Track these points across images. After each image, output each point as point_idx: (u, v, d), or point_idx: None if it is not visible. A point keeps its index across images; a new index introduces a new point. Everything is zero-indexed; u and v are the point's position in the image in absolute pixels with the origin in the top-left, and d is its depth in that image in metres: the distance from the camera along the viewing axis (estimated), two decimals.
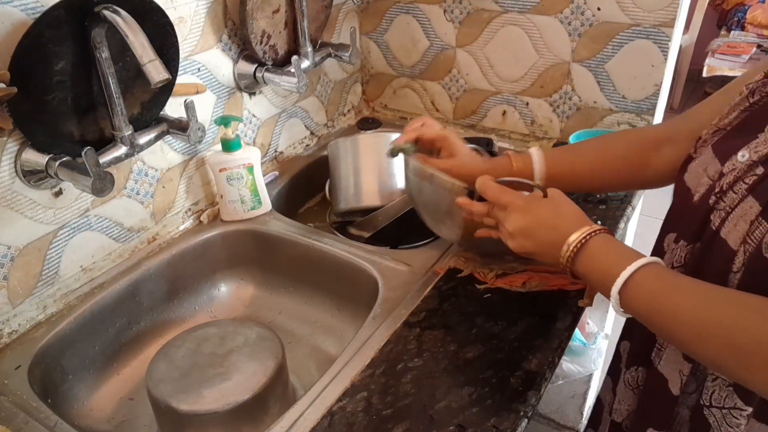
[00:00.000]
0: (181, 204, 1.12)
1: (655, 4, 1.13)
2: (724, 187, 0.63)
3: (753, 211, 0.58)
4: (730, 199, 0.62)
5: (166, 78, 0.77)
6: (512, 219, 0.73)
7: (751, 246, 0.57)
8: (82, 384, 0.93)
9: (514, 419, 0.70)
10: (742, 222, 0.59)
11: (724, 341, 0.55)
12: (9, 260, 0.86)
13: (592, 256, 0.67)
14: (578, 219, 0.70)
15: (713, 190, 0.64)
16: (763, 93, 0.64)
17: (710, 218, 0.64)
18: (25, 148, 0.83)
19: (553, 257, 0.70)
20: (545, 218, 0.71)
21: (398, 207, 1.10)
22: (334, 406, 0.73)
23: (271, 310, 1.12)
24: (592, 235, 0.67)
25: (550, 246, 0.70)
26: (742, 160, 0.62)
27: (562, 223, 0.70)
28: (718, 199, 0.63)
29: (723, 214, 0.62)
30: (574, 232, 0.68)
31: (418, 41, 1.43)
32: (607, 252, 0.66)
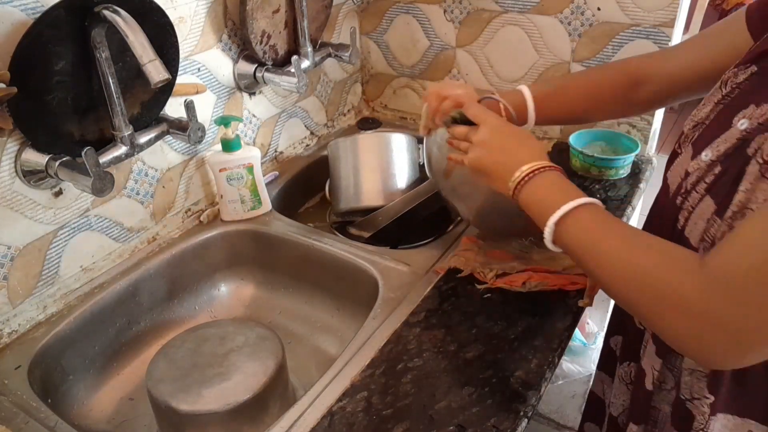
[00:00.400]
0: (181, 204, 1.12)
1: (655, 4, 1.13)
2: (688, 186, 0.64)
3: (709, 210, 0.59)
4: (692, 198, 0.63)
5: (166, 78, 0.77)
6: (481, 133, 0.74)
7: (707, 243, 0.59)
8: (82, 384, 0.93)
9: (514, 419, 0.70)
10: (700, 221, 0.60)
11: (638, 285, 0.56)
12: (9, 260, 0.86)
13: (539, 188, 0.68)
14: (539, 154, 0.71)
15: (680, 189, 0.65)
16: (734, 84, 0.64)
17: (678, 218, 0.65)
18: (25, 148, 0.83)
19: (502, 180, 0.71)
20: (509, 141, 0.73)
21: (398, 207, 1.10)
22: (334, 406, 0.73)
23: (271, 310, 1.12)
24: (544, 169, 0.68)
25: (503, 168, 0.71)
26: (704, 159, 0.62)
27: (523, 152, 0.71)
28: (684, 199, 0.64)
29: (686, 214, 0.63)
30: (529, 162, 0.69)
31: (418, 41, 1.43)
32: (554, 187, 0.67)
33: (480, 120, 0.75)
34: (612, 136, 1.24)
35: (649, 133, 1.26)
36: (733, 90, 0.64)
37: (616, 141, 1.23)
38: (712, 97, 0.67)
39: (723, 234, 0.56)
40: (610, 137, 1.24)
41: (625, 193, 1.14)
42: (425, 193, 1.11)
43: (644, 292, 0.56)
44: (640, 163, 1.23)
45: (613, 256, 0.59)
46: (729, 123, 0.61)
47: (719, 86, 0.66)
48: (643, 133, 1.26)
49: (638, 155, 1.21)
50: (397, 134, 1.18)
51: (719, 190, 0.59)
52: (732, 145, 0.59)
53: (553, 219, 0.64)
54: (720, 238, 0.57)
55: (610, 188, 1.16)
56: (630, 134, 1.25)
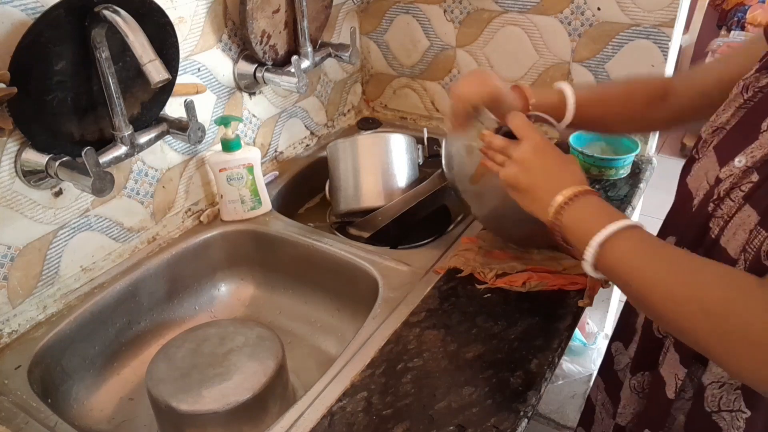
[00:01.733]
0: (181, 204, 1.12)
1: (655, 4, 1.13)
2: (721, 193, 0.62)
3: (751, 220, 0.58)
4: (727, 206, 0.61)
5: (166, 78, 0.77)
6: (522, 149, 0.72)
7: (750, 254, 0.57)
8: (82, 384, 0.93)
9: (514, 419, 0.70)
10: (741, 231, 0.59)
11: (697, 309, 0.54)
12: (9, 260, 0.86)
13: (581, 211, 0.66)
14: (580, 179, 0.70)
15: (711, 196, 0.64)
16: (756, 89, 0.64)
17: (709, 226, 0.63)
18: (25, 148, 0.83)
19: (540, 202, 0.69)
20: (551, 164, 0.71)
21: (398, 207, 1.10)
22: (334, 406, 0.73)
23: (271, 310, 1.12)
24: (585, 194, 0.67)
25: (542, 191, 0.69)
26: (738, 165, 0.61)
27: (564, 176, 0.69)
28: (716, 206, 0.63)
29: (721, 223, 0.62)
30: (571, 186, 0.67)
31: (418, 41, 1.43)
32: (597, 210, 0.66)
33: (523, 135, 0.73)
34: (612, 136, 1.23)
35: (649, 133, 1.26)
36: (756, 94, 0.63)
37: (616, 141, 1.22)
38: (733, 102, 0.66)
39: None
40: (610, 137, 1.24)
41: (626, 193, 1.14)
42: (425, 193, 1.11)
43: (702, 318, 0.53)
44: (640, 163, 1.23)
45: (665, 280, 0.57)
46: (757, 128, 0.60)
47: (740, 91, 0.65)
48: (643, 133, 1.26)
49: (638, 155, 1.21)
50: (396, 135, 1.18)
51: (760, 199, 0.57)
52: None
53: (597, 240, 0.61)
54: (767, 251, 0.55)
55: (610, 188, 1.16)
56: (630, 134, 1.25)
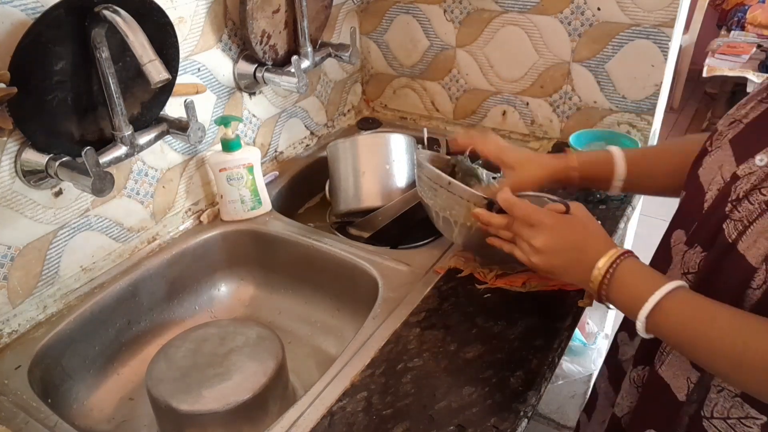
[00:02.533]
0: (181, 204, 1.12)
1: (655, 4, 1.13)
2: (740, 194, 0.61)
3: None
4: (746, 210, 0.60)
5: (166, 78, 0.77)
6: (541, 237, 0.72)
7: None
8: (82, 384, 0.93)
9: (514, 419, 0.70)
10: (763, 239, 0.57)
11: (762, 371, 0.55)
12: (9, 260, 0.86)
13: (622, 282, 0.67)
14: (604, 241, 0.70)
15: (728, 195, 0.62)
16: None
17: (723, 227, 0.62)
18: (25, 148, 0.83)
19: (578, 277, 0.71)
20: (574, 239, 0.72)
21: (398, 207, 1.10)
22: (334, 406, 0.73)
23: (271, 310, 1.12)
24: (620, 260, 0.67)
25: (577, 265, 0.70)
26: (760, 164, 0.60)
27: (590, 246, 0.70)
28: (734, 207, 0.61)
29: (740, 227, 0.60)
30: (602, 257, 0.68)
31: (418, 41, 1.43)
32: (635, 277, 0.66)
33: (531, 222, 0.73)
34: (612, 136, 1.23)
35: (649, 133, 1.26)
36: None
37: (616, 141, 1.22)
38: (755, 96, 0.65)
39: None
40: (610, 137, 1.24)
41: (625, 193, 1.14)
42: None
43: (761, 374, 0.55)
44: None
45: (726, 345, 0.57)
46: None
47: (765, 86, 0.64)
48: (643, 133, 1.26)
49: None
50: (396, 135, 1.18)
51: None
52: None
53: (643, 314, 0.62)
54: None
55: None
56: (630, 134, 1.25)
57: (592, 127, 1.30)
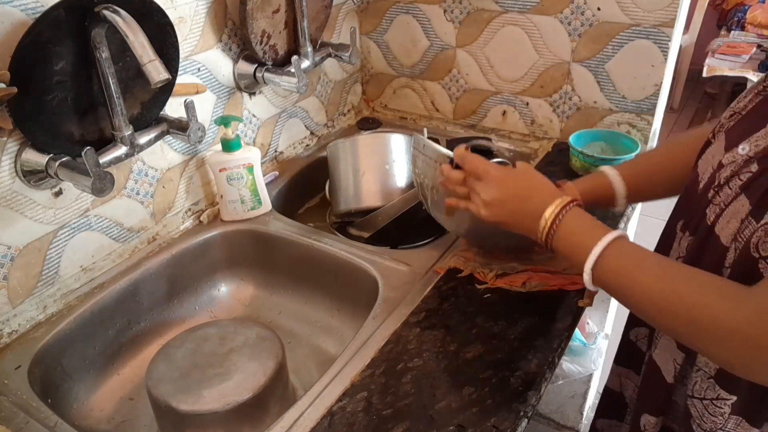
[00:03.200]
0: (181, 204, 1.12)
1: (655, 4, 1.13)
2: (721, 180, 0.63)
3: (744, 210, 0.59)
4: (725, 194, 0.62)
5: (166, 78, 0.77)
6: (488, 189, 0.75)
7: (740, 244, 0.58)
8: (82, 384, 0.93)
9: (514, 419, 0.70)
10: (734, 220, 0.60)
11: (685, 318, 0.58)
12: (9, 260, 0.86)
13: (568, 234, 0.69)
14: (550, 191, 0.73)
15: (713, 182, 0.65)
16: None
17: (706, 212, 0.64)
18: (25, 148, 0.83)
19: (526, 227, 0.73)
20: (519, 189, 0.74)
21: (398, 207, 1.10)
22: (334, 406, 0.73)
23: (271, 310, 1.12)
24: (566, 210, 0.69)
25: (524, 217, 0.73)
26: (741, 153, 0.62)
27: (536, 195, 0.72)
28: (716, 193, 0.64)
29: (718, 210, 0.63)
30: (549, 206, 0.70)
31: (418, 41, 1.43)
32: (580, 227, 0.69)
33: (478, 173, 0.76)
34: (612, 136, 1.24)
35: (649, 133, 1.26)
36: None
37: (616, 141, 1.23)
38: (754, 88, 0.66)
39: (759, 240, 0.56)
40: (610, 137, 1.24)
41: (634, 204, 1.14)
42: None
43: (693, 325, 0.57)
44: None
45: (654, 291, 0.60)
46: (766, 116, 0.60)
47: (764, 78, 0.66)
48: (643, 133, 1.26)
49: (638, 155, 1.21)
50: (396, 135, 1.18)
51: (755, 189, 0.58)
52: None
53: (589, 264, 0.65)
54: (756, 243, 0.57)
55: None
56: (630, 134, 1.25)
57: (592, 127, 1.30)
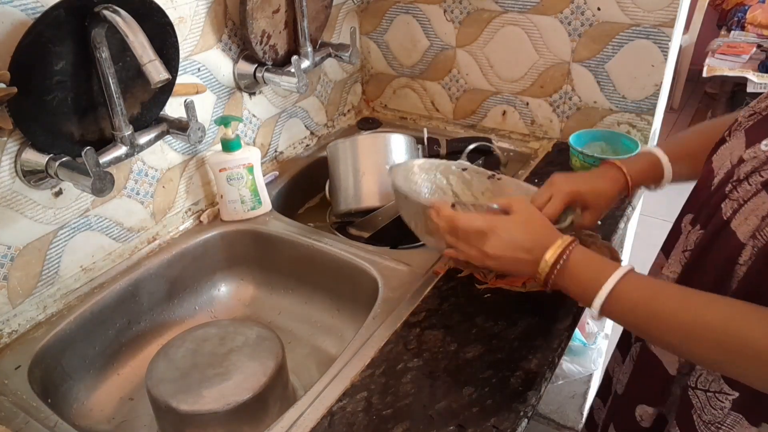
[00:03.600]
0: (181, 204, 1.12)
1: (655, 4, 1.13)
2: (741, 176, 0.63)
3: (765, 207, 0.58)
4: (744, 190, 0.61)
5: (166, 78, 0.77)
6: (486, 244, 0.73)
7: (760, 242, 0.58)
8: (82, 384, 0.93)
9: (514, 419, 0.70)
10: (753, 216, 0.59)
11: (713, 343, 0.57)
12: (9, 260, 0.86)
13: (573, 273, 0.68)
14: (548, 234, 0.71)
15: (731, 177, 0.64)
16: None
17: (722, 206, 0.64)
18: (25, 148, 0.84)
19: (527, 272, 0.72)
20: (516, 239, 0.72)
21: None
22: (334, 406, 0.73)
23: (271, 310, 1.12)
24: (567, 251, 0.68)
25: (525, 264, 0.71)
26: (764, 149, 0.61)
27: (535, 242, 0.71)
28: (734, 188, 0.63)
29: (735, 205, 0.62)
30: (548, 249, 0.69)
31: (418, 41, 1.43)
32: (585, 266, 0.68)
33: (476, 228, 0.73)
34: (612, 136, 1.24)
35: (649, 133, 1.26)
36: None
37: (616, 141, 1.22)
38: None
39: None
40: (610, 137, 1.24)
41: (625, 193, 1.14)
42: None
43: (721, 349, 0.57)
44: None
45: (677, 321, 0.60)
46: None
47: None
48: (643, 133, 1.26)
49: None
50: (396, 135, 1.18)
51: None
52: None
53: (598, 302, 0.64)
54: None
55: None
56: (630, 134, 1.25)
57: (592, 127, 1.30)
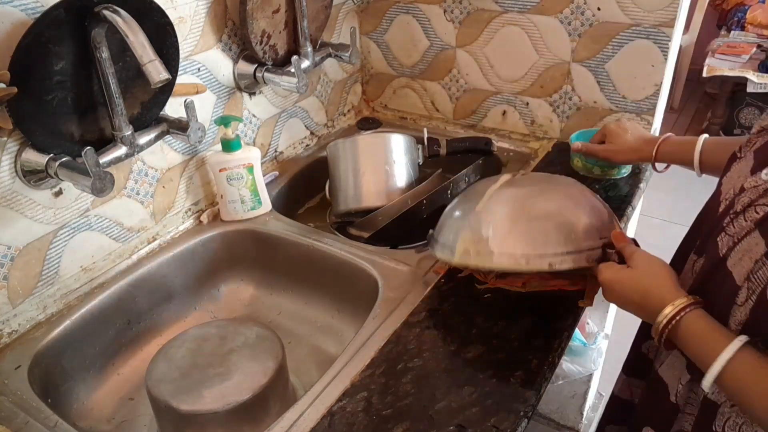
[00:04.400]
0: (181, 204, 1.12)
1: (655, 4, 1.13)
2: (738, 208, 0.61)
3: (758, 250, 0.56)
4: (739, 226, 0.60)
5: (166, 78, 0.77)
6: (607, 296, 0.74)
7: (755, 284, 0.56)
8: (82, 384, 0.93)
9: (514, 419, 0.70)
10: (747, 258, 0.57)
11: None
12: (9, 260, 0.86)
13: (682, 341, 0.65)
14: (662, 293, 0.68)
15: (731, 207, 0.62)
16: None
17: (718, 240, 0.62)
18: (25, 148, 0.83)
19: (645, 318, 0.71)
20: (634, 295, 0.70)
21: (398, 207, 1.10)
22: (334, 406, 0.73)
23: (271, 310, 1.12)
24: (678, 317, 0.65)
25: (644, 314, 0.70)
26: (764, 178, 0.59)
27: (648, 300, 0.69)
28: (731, 221, 0.61)
29: (730, 243, 0.60)
30: (662, 310, 0.66)
31: (418, 41, 1.43)
32: (698, 336, 0.64)
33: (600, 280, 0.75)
34: None
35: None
36: None
37: None
38: None
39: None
40: None
41: (626, 193, 1.14)
42: (425, 193, 1.11)
43: None
44: (640, 164, 1.23)
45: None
46: None
47: None
48: None
49: None
50: (396, 135, 1.18)
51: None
52: None
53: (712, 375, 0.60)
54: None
55: (610, 188, 1.16)
56: None
57: (592, 127, 1.30)
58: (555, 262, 0.76)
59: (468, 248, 0.79)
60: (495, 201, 0.81)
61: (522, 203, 0.80)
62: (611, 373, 1.76)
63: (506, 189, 0.83)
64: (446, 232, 0.87)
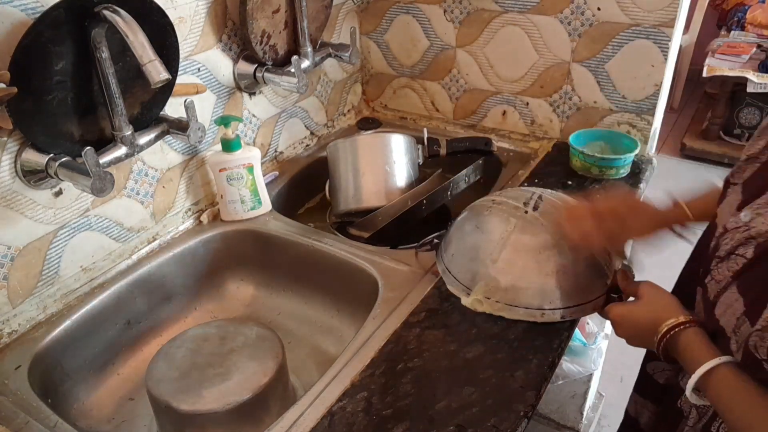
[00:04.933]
0: (181, 204, 1.12)
1: (655, 4, 1.13)
2: (722, 254, 0.63)
3: (738, 307, 0.58)
4: (722, 274, 0.62)
5: (166, 78, 0.77)
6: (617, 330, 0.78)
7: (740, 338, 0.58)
8: (82, 384, 0.93)
9: (514, 419, 0.70)
10: (729, 313, 0.60)
11: None
12: (9, 260, 0.86)
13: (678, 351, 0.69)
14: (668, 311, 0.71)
15: (717, 249, 0.64)
16: None
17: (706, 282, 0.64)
18: (25, 148, 0.83)
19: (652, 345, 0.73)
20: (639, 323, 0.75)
21: (398, 207, 1.10)
22: (334, 406, 0.73)
23: (271, 310, 1.12)
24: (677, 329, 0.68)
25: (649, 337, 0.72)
26: (744, 220, 0.60)
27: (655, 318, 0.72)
28: (717, 265, 0.63)
29: (716, 290, 0.62)
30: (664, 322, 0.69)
31: (418, 41, 1.43)
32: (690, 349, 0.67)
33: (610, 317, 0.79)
34: (612, 136, 1.24)
35: (649, 133, 1.26)
36: None
37: (616, 141, 1.22)
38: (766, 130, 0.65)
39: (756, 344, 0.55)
40: (610, 137, 1.24)
41: None
42: (425, 193, 1.11)
43: None
44: (640, 163, 1.23)
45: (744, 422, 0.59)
46: None
47: None
48: (643, 133, 1.26)
49: (638, 155, 1.21)
50: (395, 135, 1.18)
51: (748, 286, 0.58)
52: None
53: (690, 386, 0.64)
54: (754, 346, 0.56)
55: (610, 188, 1.15)
56: (630, 134, 1.25)
57: (592, 127, 1.30)
58: (566, 314, 0.84)
59: (481, 300, 0.86)
60: (511, 251, 0.86)
61: (536, 257, 0.85)
62: (611, 373, 1.77)
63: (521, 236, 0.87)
64: (460, 268, 0.91)
